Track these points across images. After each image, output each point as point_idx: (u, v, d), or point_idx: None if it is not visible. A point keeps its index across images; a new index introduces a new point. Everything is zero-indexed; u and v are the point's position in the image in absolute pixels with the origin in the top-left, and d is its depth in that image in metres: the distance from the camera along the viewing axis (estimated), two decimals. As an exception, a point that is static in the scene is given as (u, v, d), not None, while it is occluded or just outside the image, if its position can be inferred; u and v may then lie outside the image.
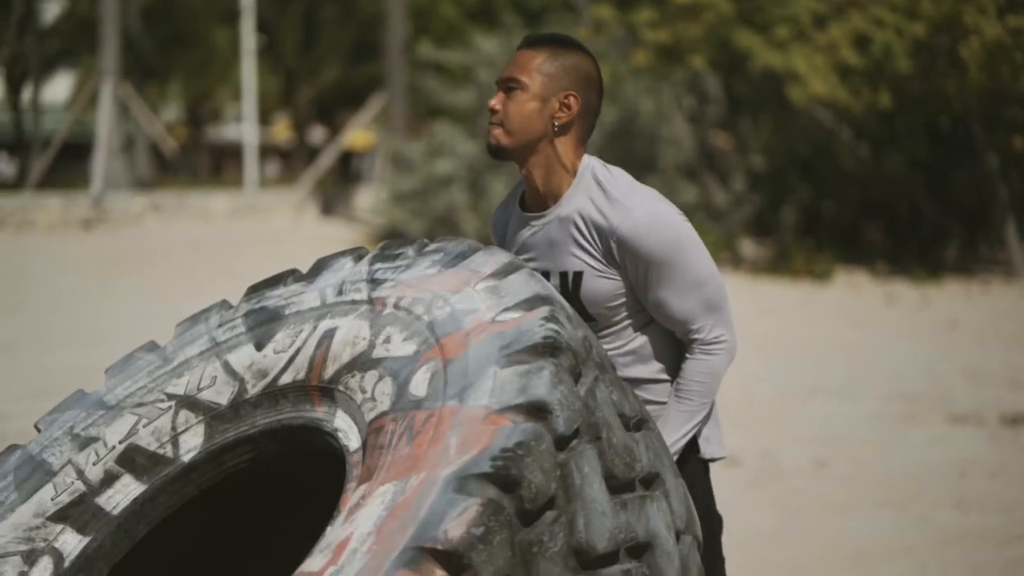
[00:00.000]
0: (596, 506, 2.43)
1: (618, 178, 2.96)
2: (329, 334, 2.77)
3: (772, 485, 7.13)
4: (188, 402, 2.91)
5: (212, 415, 2.88)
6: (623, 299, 2.96)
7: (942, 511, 6.61)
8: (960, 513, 6.57)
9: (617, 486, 2.51)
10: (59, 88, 46.56)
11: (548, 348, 2.49)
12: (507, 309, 2.60)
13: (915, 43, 15.95)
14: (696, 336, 2.97)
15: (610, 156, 19.62)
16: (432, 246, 2.85)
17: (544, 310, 2.57)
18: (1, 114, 43.73)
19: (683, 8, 17.70)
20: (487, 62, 20.88)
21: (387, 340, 2.68)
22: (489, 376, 2.46)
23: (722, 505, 6.56)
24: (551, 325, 2.53)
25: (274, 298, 2.97)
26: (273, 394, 2.82)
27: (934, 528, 6.34)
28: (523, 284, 2.65)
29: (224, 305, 3.06)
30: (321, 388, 2.74)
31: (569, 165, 2.96)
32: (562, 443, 2.41)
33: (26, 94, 41.72)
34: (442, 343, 2.59)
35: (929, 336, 12.34)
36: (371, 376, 2.64)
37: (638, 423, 2.69)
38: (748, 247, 18.72)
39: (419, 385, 2.54)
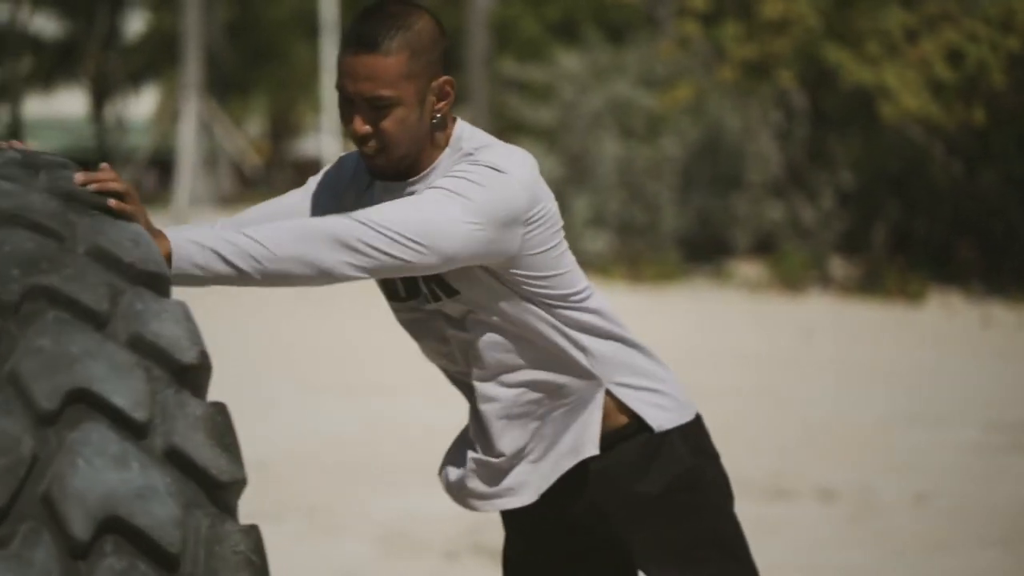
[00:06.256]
0: None
1: (485, 138, 2.58)
2: None
3: (870, 521, 6.84)
4: None
5: None
6: (478, 272, 2.53)
7: (1053, 551, 6.30)
8: (1072, 554, 6.25)
9: None
10: (145, 104, 46.96)
11: None
12: None
13: (1010, 57, 15.59)
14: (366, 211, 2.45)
15: (695, 173, 19.37)
16: None
17: None
18: (86, 129, 44.17)
19: (771, 23, 17.43)
20: (569, 78, 20.69)
21: None
22: None
23: (818, 543, 6.33)
24: None
25: None
26: None
27: (1045, 570, 6.04)
28: None
29: None
30: None
31: (444, 142, 2.57)
32: None
33: (111, 110, 42.14)
34: None
35: (1028, 360, 11.97)
36: None
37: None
38: (838, 266, 18.36)
39: None
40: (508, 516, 2.81)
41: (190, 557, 1.87)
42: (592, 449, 2.64)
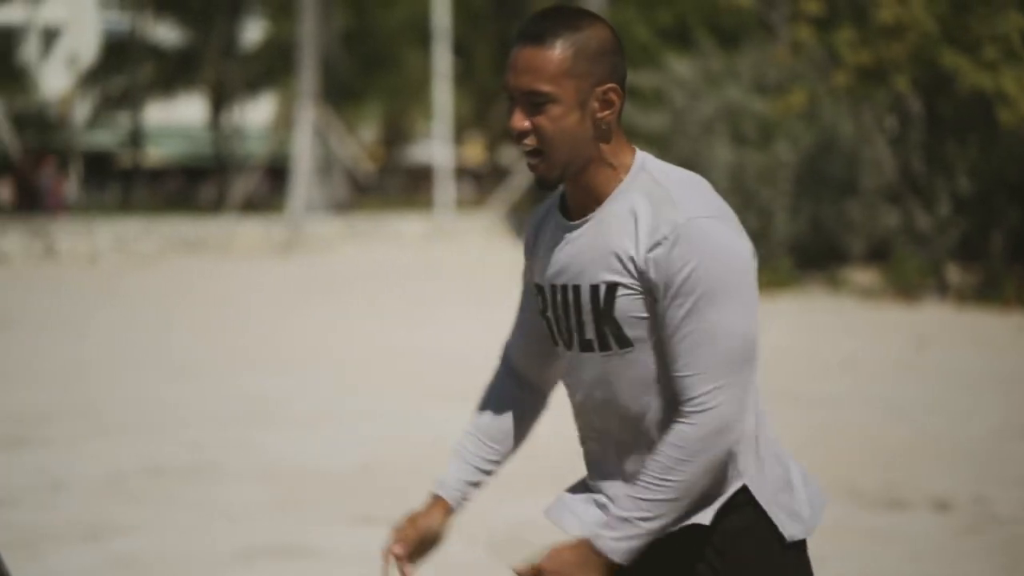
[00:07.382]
0: None
1: (675, 173, 2.52)
2: None
3: (985, 532, 6.72)
4: None
5: None
6: (652, 322, 2.44)
7: None
8: None
9: None
10: (261, 111, 47.56)
11: None
12: None
13: None
14: (684, 395, 2.38)
15: (808, 179, 19.19)
16: None
17: None
18: (205, 136, 44.84)
19: (886, 28, 17.23)
20: (681, 84, 20.61)
21: None
22: None
23: (931, 553, 6.24)
24: None
25: None
26: None
27: None
28: None
29: None
30: None
31: (616, 162, 2.50)
32: None
33: (228, 117, 42.75)
34: None
35: None
36: None
37: None
38: (954, 273, 18.08)
39: None
40: None
41: None
42: (704, 519, 2.47)
